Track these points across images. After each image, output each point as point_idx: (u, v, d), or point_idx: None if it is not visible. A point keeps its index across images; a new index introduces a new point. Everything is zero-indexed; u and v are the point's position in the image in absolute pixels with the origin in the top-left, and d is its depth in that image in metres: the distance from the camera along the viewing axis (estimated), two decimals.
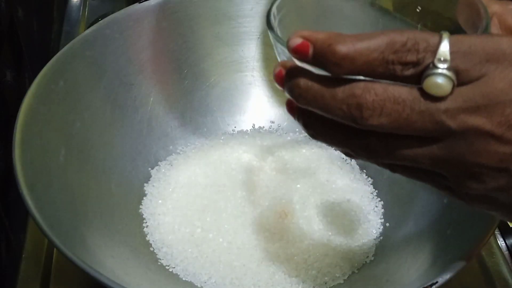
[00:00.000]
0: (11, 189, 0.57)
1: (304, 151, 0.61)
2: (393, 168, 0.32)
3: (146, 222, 0.55)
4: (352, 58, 0.28)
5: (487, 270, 0.55)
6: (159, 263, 0.52)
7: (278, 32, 0.34)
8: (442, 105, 0.28)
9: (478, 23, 0.34)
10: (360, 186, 0.59)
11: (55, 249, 0.55)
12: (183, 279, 0.51)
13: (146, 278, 0.50)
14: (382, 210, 0.57)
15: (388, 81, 0.28)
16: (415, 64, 0.28)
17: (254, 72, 0.64)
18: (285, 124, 0.64)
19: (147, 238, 0.54)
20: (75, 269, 0.39)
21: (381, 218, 0.56)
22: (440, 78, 0.27)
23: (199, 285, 0.51)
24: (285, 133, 0.64)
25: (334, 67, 0.28)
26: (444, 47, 0.27)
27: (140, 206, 0.57)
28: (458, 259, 0.41)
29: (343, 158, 0.61)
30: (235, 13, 0.62)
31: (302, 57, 0.29)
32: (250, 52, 0.63)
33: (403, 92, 0.28)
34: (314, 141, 0.63)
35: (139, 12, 0.59)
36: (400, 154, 0.29)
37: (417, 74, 0.28)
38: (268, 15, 0.35)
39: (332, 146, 0.32)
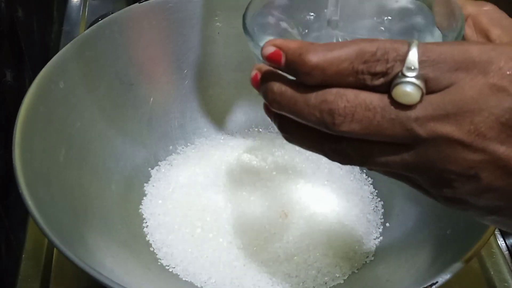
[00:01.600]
0: (11, 189, 0.57)
1: (304, 151, 0.61)
2: (369, 168, 0.32)
3: (146, 222, 0.55)
4: (322, 68, 0.28)
5: (487, 270, 0.55)
6: (159, 263, 0.52)
7: (255, 33, 0.35)
8: (412, 113, 0.28)
9: (453, 23, 0.34)
10: (360, 186, 0.59)
11: (55, 249, 0.55)
12: (183, 279, 0.51)
13: (146, 278, 0.50)
14: (382, 210, 0.57)
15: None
16: (384, 74, 0.28)
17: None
18: None
19: (147, 238, 0.54)
20: (75, 269, 0.39)
21: (381, 218, 0.56)
22: (409, 87, 0.27)
23: (199, 285, 0.51)
24: None
25: (305, 76, 0.29)
26: (413, 56, 0.28)
27: (140, 206, 0.57)
28: (458, 259, 0.41)
29: None
30: (235, 13, 0.62)
31: (275, 65, 0.30)
32: (250, 52, 0.63)
33: (374, 99, 0.28)
34: None
35: (139, 12, 0.59)
36: (372, 160, 0.30)
37: (386, 83, 0.28)
38: (244, 18, 0.35)
39: (306, 149, 0.32)
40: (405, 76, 0.28)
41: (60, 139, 0.51)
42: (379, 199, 0.58)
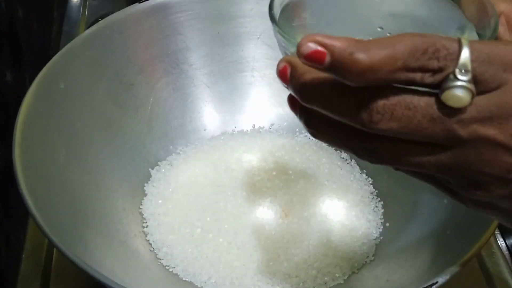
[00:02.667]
0: (11, 189, 0.57)
1: (304, 151, 0.61)
2: (396, 168, 0.31)
3: (146, 222, 0.55)
4: (377, 69, 0.26)
5: (487, 270, 0.55)
6: (159, 263, 0.52)
7: (282, 23, 0.32)
8: (455, 114, 0.27)
9: (485, 21, 0.33)
10: (360, 186, 0.59)
11: (55, 249, 0.55)
12: (183, 279, 0.51)
13: (146, 278, 0.50)
14: (382, 210, 0.57)
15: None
16: (434, 72, 0.27)
17: (254, 72, 0.64)
18: (285, 124, 0.64)
19: (147, 238, 0.54)
20: (75, 269, 0.39)
21: (381, 218, 0.56)
22: (461, 91, 0.26)
23: (199, 285, 0.51)
24: (285, 133, 0.64)
25: (356, 77, 0.26)
26: (465, 56, 0.26)
27: (140, 206, 0.57)
28: (458, 259, 0.41)
29: (343, 158, 0.61)
30: (235, 13, 0.62)
31: (316, 65, 0.27)
32: (250, 52, 0.63)
33: (415, 98, 0.27)
34: (314, 141, 0.63)
35: (139, 12, 0.59)
36: (406, 160, 0.29)
37: (435, 82, 0.27)
38: (270, 6, 0.33)
39: (334, 147, 0.31)
40: (458, 80, 0.26)
41: (60, 139, 0.51)
42: (379, 199, 0.58)
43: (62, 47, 0.55)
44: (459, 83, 0.26)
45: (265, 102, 0.65)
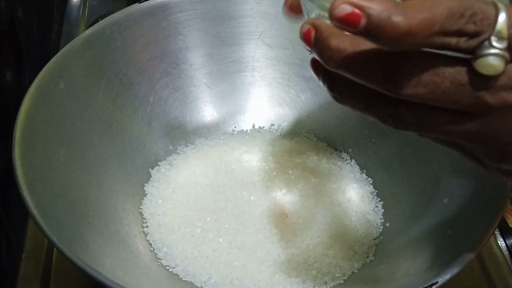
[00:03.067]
0: (11, 189, 0.57)
1: (304, 151, 0.61)
2: (420, 134, 0.30)
3: (146, 222, 0.55)
4: (415, 33, 0.25)
5: (487, 270, 0.55)
6: (159, 263, 0.52)
7: None
8: (485, 81, 0.26)
9: None
10: (360, 186, 0.59)
11: (55, 249, 0.55)
12: (183, 279, 0.51)
13: (146, 278, 0.50)
14: (382, 210, 0.57)
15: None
16: (470, 36, 0.26)
17: (254, 72, 0.64)
18: (285, 124, 0.64)
19: (147, 238, 0.54)
20: (75, 269, 0.39)
21: (381, 218, 0.56)
22: (496, 59, 0.26)
23: (199, 285, 0.51)
24: (285, 133, 0.64)
25: (393, 42, 0.25)
26: (502, 23, 0.25)
27: (140, 206, 0.57)
28: (458, 259, 0.41)
29: (343, 158, 0.61)
30: (235, 13, 0.62)
31: (349, 28, 0.26)
32: (250, 52, 0.63)
33: (444, 63, 0.26)
34: (314, 142, 0.63)
35: (139, 12, 0.59)
36: (430, 126, 0.28)
37: (470, 47, 0.26)
38: None
39: (357, 111, 0.30)
40: (493, 47, 0.25)
41: (60, 139, 0.51)
42: (379, 199, 0.58)
43: (62, 47, 0.55)
44: (494, 50, 0.26)
45: (265, 102, 0.65)
